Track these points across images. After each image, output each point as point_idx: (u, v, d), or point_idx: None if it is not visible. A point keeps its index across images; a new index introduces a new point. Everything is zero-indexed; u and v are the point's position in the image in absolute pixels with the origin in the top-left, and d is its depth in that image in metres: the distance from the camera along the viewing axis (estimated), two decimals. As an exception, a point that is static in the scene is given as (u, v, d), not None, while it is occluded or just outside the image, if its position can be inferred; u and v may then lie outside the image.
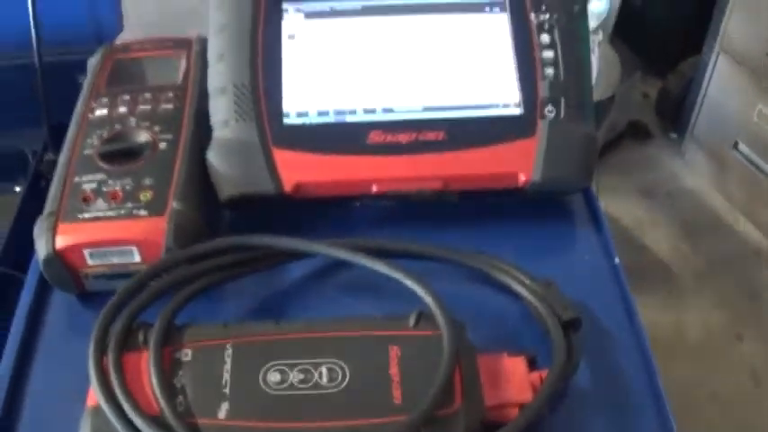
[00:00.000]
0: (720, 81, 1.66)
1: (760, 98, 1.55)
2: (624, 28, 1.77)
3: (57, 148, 0.84)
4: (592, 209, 0.63)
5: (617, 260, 0.59)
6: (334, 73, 0.60)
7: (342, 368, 0.45)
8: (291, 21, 0.61)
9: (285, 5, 0.61)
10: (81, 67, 0.69)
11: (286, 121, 0.58)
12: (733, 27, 1.59)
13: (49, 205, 0.56)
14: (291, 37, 0.60)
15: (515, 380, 0.48)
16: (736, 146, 1.66)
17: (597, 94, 1.53)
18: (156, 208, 0.54)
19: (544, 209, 0.62)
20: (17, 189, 0.86)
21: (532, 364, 0.49)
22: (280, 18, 0.61)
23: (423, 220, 0.61)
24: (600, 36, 1.60)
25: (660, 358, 0.54)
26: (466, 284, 0.56)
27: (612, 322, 0.56)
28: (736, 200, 1.71)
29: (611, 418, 0.51)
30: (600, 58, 1.57)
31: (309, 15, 0.61)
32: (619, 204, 1.73)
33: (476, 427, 0.45)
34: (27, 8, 0.84)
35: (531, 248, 0.60)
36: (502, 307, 0.55)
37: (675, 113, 1.82)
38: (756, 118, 1.57)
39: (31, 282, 0.58)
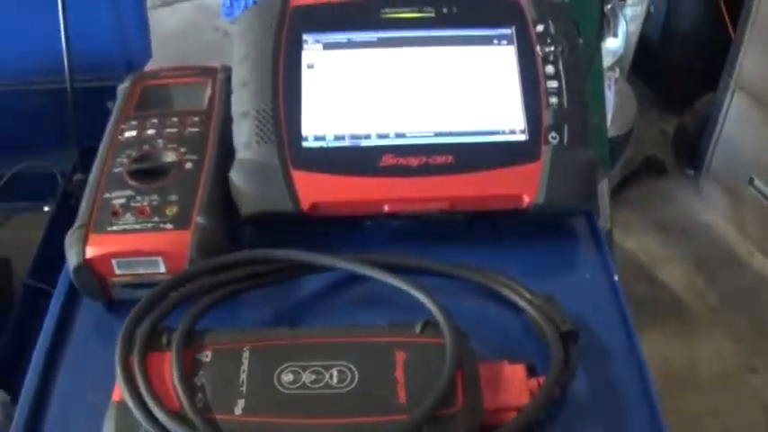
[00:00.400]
0: (736, 118, 1.69)
1: (775, 135, 1.58)
2: (642, 65, 1.81)
3: (85, 169, 0.89)
4: (593, 230, 0.66)
5: (616, 278, 0.62)
6: (350, 100, 0.64)
7: (351, 370, 0.49)
8: (311, 51, 0.65)
9: (305, 37, 0.65)
10: (110, 94, 0.73)
11: (304, 144, 0.62)
12: (748, 64, 1.62)
13: (79, 218, 0.59)
14: (311, 66, 0.64)
15: (514, 386, 0.51)
16: (751, 182, 1.68)
17: (613, 130, 1.56)
18: (181, 222, 0.58)
19: (547, 230, 0.66)
20: (46, 209, 0.91)
21: (532, 372, 0.52)
22: (300, 48, 0.65)
23: (430, 239, 0.64)
24: (617, 73, 1.64)
25: (673, 391, 0.56)
26: (470, 298, 0.59)
27: (611, 337, 0.58)
28: (750, 235, 1.73)
29: (607, 426, 0.53)
30: (616, 95, 1.60)
31: (328, 46, 0.65)
32: (635, 239, 1.75)
33: (475, 429, 0.47)
34: (60, 37, 0.89)
35: (534, 267, 0.63)
36: (504, 320, 0.58)
37: (692, 150, 1.85)
38: (771, 154, 1.59)
39: (60, 290, 0.62)
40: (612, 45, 1.54)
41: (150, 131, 0.65)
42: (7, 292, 0.83)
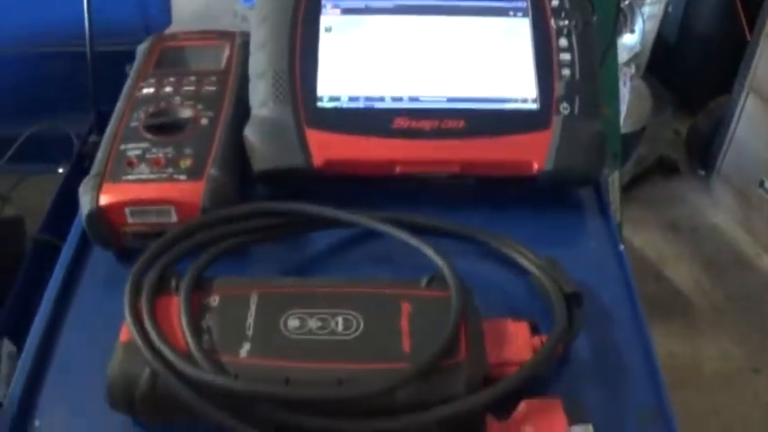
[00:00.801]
0: (749, 120, 1.69)
1: (786, 137, 1.58)
2: (658, 64, 1.81)
3: (101, 132, 0.90)
4: (599, 201, 0.67)
5: (621, 247, 0.63)
6: (366, 63, 0.65)
7: (356, 319, 0.49)
8: (329, 15, 0.66)
9: (324, 2, 0.66)
10: (129, 59, 0.74)
11: (319, 104, 0.63)
12: (763, 68, 1.62)
13: (95, 168, 0.60)
14: (328, 30, 0.65)
15: (518, 341, 0.51)
16: (761, 184, 1.68)
17: (627, 127, 1.57)
18: (194, 173, 0.59)
19: (554, 199, 0.66)
20: (60, 170, 0.92)
21: (535, 331, 0.53)
22: (318, 12, 0.66)
23: (439, 205, 0.65)
24: (632, 69, 1.64)
25: (676, 388, 0.57)
26: (477, 259, 0.60)
27: (614, 303, 0.59)
28: (759, 237, 1.73)
29: (609, 386, 0.54)
30: (631, 92, 1.61)
31: (346, 11, 0.66)
32: (644, 237, 1.76)
33: (477, 380, 0.48)
34: (81, 2, 0.90)
35: (541, 234, 0.63)
36: (509, 281, 0.59)
37: (704, 151, 1.85)
38: (782, 157, 1.59)
39: (71, 240, 0.63)
40: (629, 41, 1.55)
41: (168, 89, 0.66)
42: (21, 250, 0.84)
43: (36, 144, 0.94)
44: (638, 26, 1.59)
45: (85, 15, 0.89)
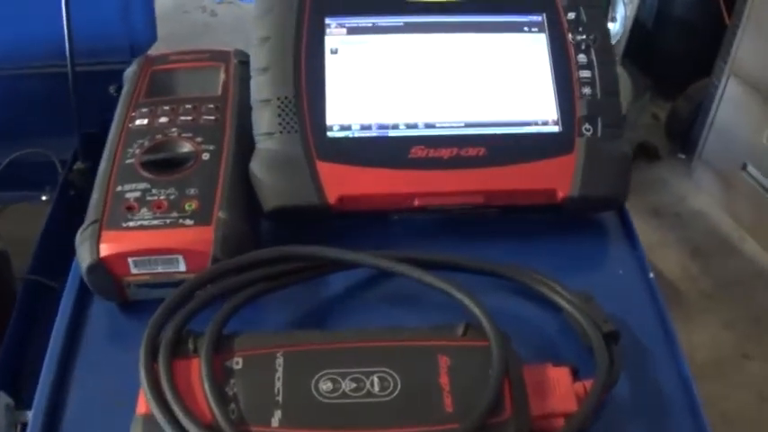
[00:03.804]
0: (730, 104, 1.67)
1: (769, 121, 1.57)
2: (635, 50, 1.79)
3: (87, 157, 0.85)
4: (625, 225, 0.64)
5: (651, 275, 0.60)
6: (376, 88, 0.61)
7: (393, 377, 0.46)
8: (334, 36, 0.62)
9: (328, 20, 0.62)
10: (113, 78, 0.70)
11: (329, 134, 0.59)
12: (743, 51, 1.60)
13: (91, 214, 0.56)
14: (334, 51, 0.61)
15: (560, 390, 0.49)
16: (744, 168, 1.67)
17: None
18: (201, 217, 0.55)
19: (578, 225, 0.63)
20: (44, 198, 0.87)
21: (575, 375, 0.50)
22: (323, 33, 0.62)
23: (458, 235, 0.62)
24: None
25: None
26: (502, 297, 0.57)
27: (648, 335, 0.57)
28: (744, 221, 1.72)
29: (648, 427, 0.52)
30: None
31: (352, 31, 0.62)
32: (627, 224, 1.74)
33: (524, 437, 0.45)
34: (60, 19, 0.84)
35: (567, 263, 0.61)
36: (538, 320, 0.56)
37: (685, 135, 1.84)
38: (766, 141, 1.58)
39: (70, 291, 0.58)
40: (611, 29, 1.52)
41: (163, 119, 0.62)
42: (7, 287, 0.79)
43: (16, 171, 0.88)
44: (620, 13, 1.56)
45: (65, 33, 0.83)
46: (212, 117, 0.62)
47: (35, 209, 0.83)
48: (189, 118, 0.62)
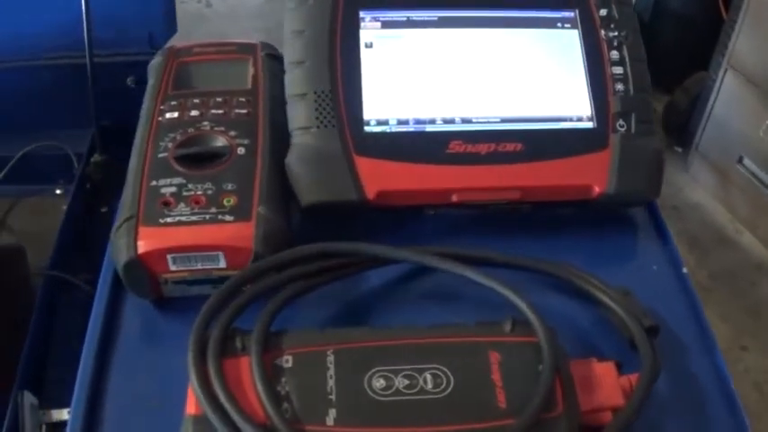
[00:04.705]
0: (727, 97, 1.68)
1: (766, 114, 1.58)
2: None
3: (104, 150, 0.84)
4: (656, 220, 0.64)
5: (684, 270, 0.60)
6: (412, 82, 0.61)
7: (445, 374, 0.46)
8: (369, 29, 0.61)
9: (362, 14, 0.62)
10: (131, 70, 0.69)
11: (366, 129, 0.59)
12: (741, 44, 1.61)
13: (126, 209, 0.55)
14: (369, 45, 0.61)
15: (607, 385, 0.49)
16: (740, 161, 1.68)
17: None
18: (241, 213, 0.54)
19: (610, 220, 0.64)
20: (58, 192, 0.85)
21: (618, 370, 0.50)
22: (357, 26, 0.61)
23: (490, 230, 0.62)
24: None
25: None
26: (546, 291, 0.57)
27: (683, 330, 0.57)
28: (739, 214, 1.74)
29: (687, 422, 0.52)
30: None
31: (386, 25, 0.62)
32: (623, 217, 1.74)
33: (576, 431, 0.45)
34: (78, 8, 0.82)
35: (600, 258, 0.61)
36: (577, 314, 0.56)
37: (682, 128, 1.85)
38: (762, 134, 1.59)
39: (103, 288, 0.57)
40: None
41: (194, 113, 0.61)
42: (24, 283, 0.77)
43: (31, 164, 0.87)
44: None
45: (84, 22, 0.81)
46: (244, 111, 0.61)
47: (50, 202, 0.82)
48: (220, 111, 0.61)
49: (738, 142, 1.68)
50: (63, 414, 0.70)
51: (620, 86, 0.62)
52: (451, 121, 0.60)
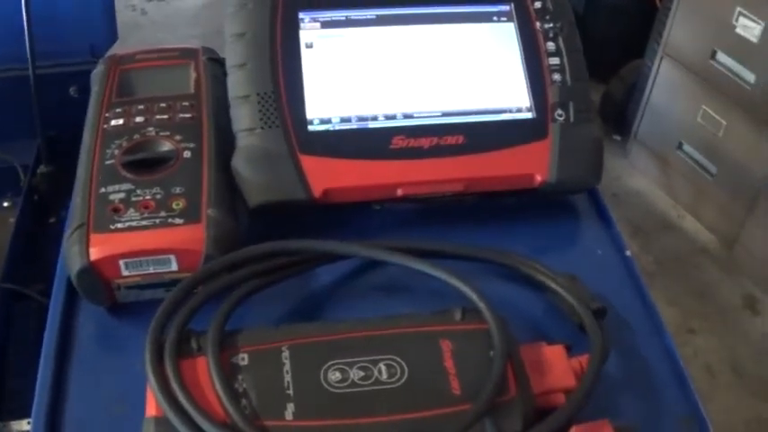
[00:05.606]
0: (664, 84, 1.72)
1: (703, 100, 1.62)
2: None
3: (50, 161, 0.83)
4: (598, 206, 0.66)
5: (628, 252, 0.62)
6: (353, 80, 0.62)
7: (399, 364, 0.47)
8: (308, 30, 0.62)
9: (302, 15, 0.62)
10: (74, 80, 0.68)
11: (310, 128, 0.59)
12: (677, 32, 1.65)
13: (77, 217, 0.55)
14: (309, 46, 0.62)
15: (558, 367, 0.50)
16: (680, 146, 1.72)
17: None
18: (191, 216, 0.55)
19: (554, 208, 0.65)
20: (6, 204, 0.84)
21: (568, 352, 0.51)
22: (297, 27, 0.62)
23: (437, 222, 0.63)
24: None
25: None
26: (488, 281, 0.58)
27: (630, 311, 0.59)
28: (681, 199, 1.78)
29: (639, 401, 0.54)
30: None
31: (326, 25, 0.63)
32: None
33: (531, 414, 0.47)
34: (18, 20, 0.81)
35: (545, 245, 0.63)
36: (524, 300, 0.58)
37: (619, 117, 1.88)
38: (700, 119, 1.63)
39: (57, 297, 0.57)
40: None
41: (139, 119, 0.61)
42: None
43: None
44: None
45: (26, 33, 0.80)
46: (188, 115, 0.62)
47: (-2, 215, 0.81)
48: (165, 116, 0.62)
49: (677, 128, 1.72)
50: (23, 425, 0.69)
51: (557, 77, 0.63)
52: (393, 117, 0.61)
